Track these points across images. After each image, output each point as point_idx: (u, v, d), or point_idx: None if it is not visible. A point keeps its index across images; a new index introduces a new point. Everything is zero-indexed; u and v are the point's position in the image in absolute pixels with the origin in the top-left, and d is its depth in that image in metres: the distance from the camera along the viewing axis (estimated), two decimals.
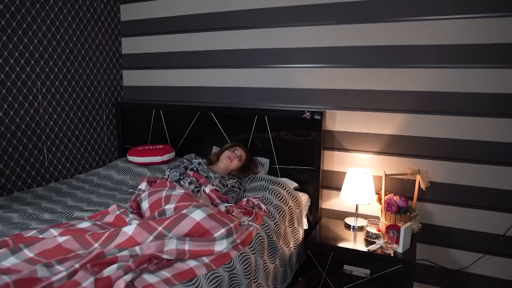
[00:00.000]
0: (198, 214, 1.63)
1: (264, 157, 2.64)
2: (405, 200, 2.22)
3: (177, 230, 1.57)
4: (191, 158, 2.47)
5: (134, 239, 1.51)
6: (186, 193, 1.89)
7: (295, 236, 2.29)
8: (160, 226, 1.57)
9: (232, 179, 2.36)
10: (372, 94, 2.38)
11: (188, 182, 2.13)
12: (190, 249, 1.50)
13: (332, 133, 2.52)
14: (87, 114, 2.87)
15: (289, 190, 2.37)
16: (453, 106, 2.21)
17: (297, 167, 2.56)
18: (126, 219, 1.81)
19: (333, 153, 2.54)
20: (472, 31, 2.11)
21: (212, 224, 1.62)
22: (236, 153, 2.44)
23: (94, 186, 2.48)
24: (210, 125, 2.80)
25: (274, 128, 2.60)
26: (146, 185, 2.09)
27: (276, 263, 2.02)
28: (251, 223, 1.89)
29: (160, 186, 1.95)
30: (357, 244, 2.18)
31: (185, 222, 1.59)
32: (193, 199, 1.82)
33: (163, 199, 1.82)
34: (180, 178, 2.16)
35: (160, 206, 1.80)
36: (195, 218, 1.61)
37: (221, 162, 2.43)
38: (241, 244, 1.69)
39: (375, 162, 2.43)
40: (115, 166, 2.74)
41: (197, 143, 2.88)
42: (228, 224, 1.66)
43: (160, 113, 2.97)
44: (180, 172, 2.20)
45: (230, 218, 1.74)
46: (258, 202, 2.09)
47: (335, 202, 2.59)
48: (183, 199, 1.79)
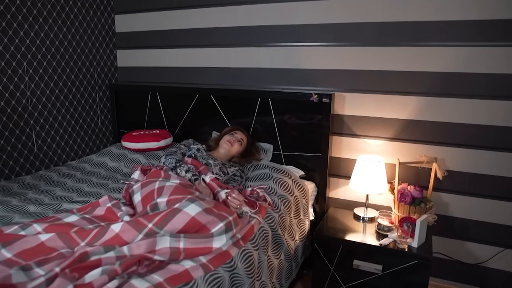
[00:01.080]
0: (193, 208, 1.47)
1: (268, 143, 2.47)
2: (420, 190, 2.06)
3: (170, 227, 1.41)
4: (189, 144, 2.30)
5: (121, 237, 1.35)
6: (181, 183, 1.73)
7: (301, 228, 2.14)
8: (150, 222, 1.41)
9: (233, 166, 2.20)
10: (385, 75, 2.19)
11: (185, 170, 1.97)
12: (185, 247, 1.34)
13: (341, 117, 2.34)
14: (78, 97, 2.69)
15: (295, 179, 2.21)
16: (473, 89, 2.02)
17: (303, 153, 2.39)
18: (118, 213, 1.65)
19: (341, 139, 2.36)
20: (494, 6, 1.90)
21: (209, 219, 1.47)
22: (236, 137, 2.28)
23: (86, 174, 2.32)
24: (210, 109, 2.62)
25: (279, 111, 2.42)
26: (139, 174, 1.93)
27: (281, 258, 1.88)
28: (253, 216, 1.73)
29: (154, 177, 1.79)
30: (368, 237, 2.03)
31: (178, 217, 1.43)
32: (188, 191, 1.65)
33: (156, 192, 1.66)
34: (176, 166, 2.00)
35: (152, 199, 1.64)
36: (190, 212, 1.45)
37: (221, 147, 2.27)
38: (242, 239, 1.54)
39: (387, 149, 2.26)
40: (109, 152, 2.58)
41: (196, 127, 2.71)
42: (226, 217, 1.51)
43: (157, 96, 2.79)
44: (177, 159, 2.04)
45: (228, 211, 1.58)
46: (263, 193, 1.93)
47: (343, 191, 2.43)
48: (177, 191, 1.63)
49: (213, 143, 2.37)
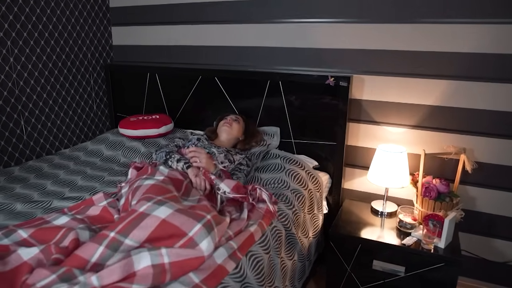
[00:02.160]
0: (163, 210, 1.28)
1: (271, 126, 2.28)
2: (446, 184, 1.87)
3: (137, 234, 1.21)
4: (185, 137, 2.11)
5: (80, 256, 1.14)
6: (164, 180, 1.52)
7: (315, 223, 1.97)
8: (112, 231, 1.21)
9: (238, 153, 2.00)
10: (409, 56, 1.96)
11: (176, 160, 1.79)
12: (171, 261, 1.14)
13: (359, 102, 2.12)
14: (71, 78, 2.47)
15: (308, 170, 2.02)
16: (508, 72, 1.79)
17: (317, 142, 2.19)
18: (115, 215, 1.47)
19: (359, 125, 2.16)
20: None
21: (182, 219, 1.26)
22: (230, 117, 2.12)
23: (80, 164, 2.13)
24: (214, 92, 2.40)
25: (290, 96, 2.20)
26: (135, 173, 1.74)
27: (294, 258, 1.72)
28: (252, 222, 1.51)
29: (140, 175, 1.61)
30: (388, 235, 1.86)
31: (146, 222, 1.23)
32: (165, 190, 1.43)
33: (131, 192, 1.47)
34: (167, 159, 1.82)
35: (128, 201, 1.46)
36: (159, 215, 1.25)
37: (221, 133, 2.10)
38: (240, 249, 1.32)
39: (410, 137, 2.06)
40: (105, 139, 2.38)
41: (199, 112, 2.50)
42: (203, 216, 1.30)
43: (156, 77, 2.56)
44: (167, 151, 1.86)
45: (206, 209, 1.38)
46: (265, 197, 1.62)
47: (359, 182, 2.24)
48: (151, 191, 1.41)
49: (210, 133, 2.18)
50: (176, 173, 1.63)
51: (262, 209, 1.60)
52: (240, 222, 1.48)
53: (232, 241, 1.33)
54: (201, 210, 1.36)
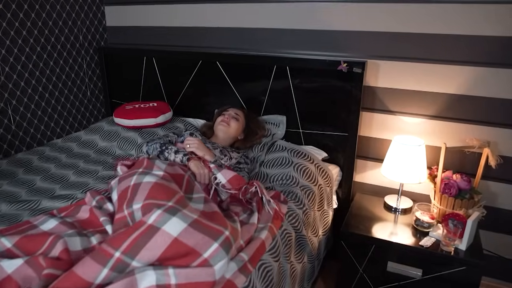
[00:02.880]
0: (175, 224, 1.12)
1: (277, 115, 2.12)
2: (468, 180, 1.73)
3: (145, 255, 1.06)
4: (180, 132, 1.95)
5: (81, 278, 1.01)
6: (165, 177, 1.36)
7: (324, 220, 1.84)
8: (117, 250, 1.06)
9: (235, 151, 1.85)
10: (429, 39, 1.79)
11: (173, 152, 1.63)
12: (178, 283, 1.01)
13: (373, 90, 1.96)
14: (61, 63, 2.29)
15: (318, 164, 1.88)
16: None
17: (327, 132, 2.04)
18: (100, 218, 1.33)
19: (372, 115, 2.00)
20: None
21: (198, 238, 1.10)
22: (229, 113, 1.93)
23: (72, 157, 1.99)
24: (216, 77, 2.23)
25: (298, 82, 2.03)
26: (125, 169, 1.59)
27: (304, 260, 1.60)
28: (261, 225, 1.38)
29: (134, 168, 1.45)
30: (403, 233, 1.73)
31: (156, 240, 1.08)
32: (170, 191, 1.28)
33: (130, 191, 1.30)
34: (162, 150, 1.66)
35: (126, 200, 1.29)
36: (171, 232, 1.10)
37: (217, 131, 1.92)
38: (251, 261, 1.19)
39: (428, 128, 1.90)
40: (99, 129, 2.23)
41: (200, 98, 2.34)
42: (221, 232, 1.15)
43: (153, 61, 2.39)
44: (161, 143, 1.69)
45: (222, 222, 1.22)
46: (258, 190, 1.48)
47: (371, 175, 2.10)
48: (155, 191, 1.25)
49: (206, 128, 2.02)
50: (175, 166, 1.48)
51: (271, 209, 1.46)
52: (250, 228, 1.34)
53: (243, 253, 1.20)
54: (218, 223, 1.20)
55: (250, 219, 1.41)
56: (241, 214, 1.44)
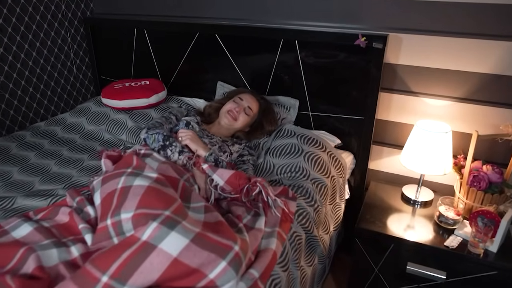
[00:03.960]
0: (175, 240, 0.94)
1: (292, 97, 1.89)
2: (500, 173, 1.53)
3: (139, 279, 0.89)
4: (181, 113, 1.72)
5: None
6: (159, 179, 1.15)
7: (336, 214, 1.66)
8: (104, 274, 0.89)
9: (237, 143, 1.64)
10: (461, 9, 1.54)
11: (178, 151, 1.41)
12: None
13: (393, 68, 1.73)
14: (42, 36, 2.04)
15: (330, 152, 1.67)
16: None
17: (339, 115, 1.83)
18: (79, 224, 1.14)
19: (391, 96, 1.78)
20: None
21: (203, 257, 0.93)
22: (242, 104, 1.66)
23: (55, 143, 1.78)
24: (215, 52, 1.99)
25: (309, 58, 1.80)
26: (109, 164, 1.38)
27: (314, 262, 1.43)
28: (268, 229, 1.19)
29: (122, 166, 1.24)
30: (426, 231, 1.55)
31: (151, 261, 0.90)
32: (167, 198, 1.08)
33: (117, 196, 1.10)
34: (165, 145, 1.42)
35: (110, 206, 1.10)
36: (169, 251, 0.92)
37: (221, 119, 1.67)
38: (261, 278, 1.02)
39: (454, 112, 1.69)
40: (86, 110, 2.01)
41: (197, 75, 2.10)
42: (230, 248, 0.98)
43: (145, 34, 2.14)
44: (165, 135, 1.45)
45: (230, 234, 1.04)
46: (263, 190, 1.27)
47: (387, 162, 1.90)
48: (149, 198, 1.06)
49: (211, 110, 1.76)
50: (168, 167, 1.28)
51: (278, 209, 1.27)
52: (256, 234, 1.16)
53: (253, 269, 1.01)
54: (225, 236, 1.01)
55: (256, 223, 1.22)
56: (244, 216, 1.25)
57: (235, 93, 1.76)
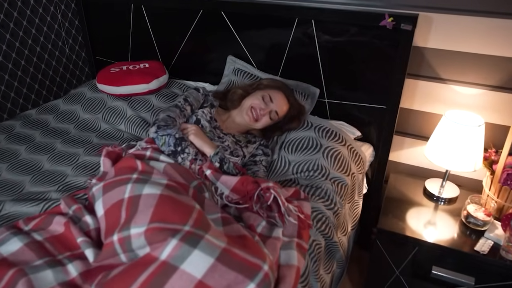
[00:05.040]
0: (198, 260, 0.83)
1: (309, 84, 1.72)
2: None
3: None
4: (197, 101, 1.46)
5: None
6: (171, 186, 1.02)
7: (354, 211, 1.54)
8: None
9: (251, 142, 1.46)
10: None
11: (192, 156, 1.22)
12: None
13: (420, 51, 1.55)
14: (29, 14, 1.84)
15: (351, 145, 1.53)
16: None
17: (359, 104, 1.67)
18: (78, 238, 1.01)
19: (417, 83, 1.61)
20: None
21: (230, 278, 0.82)
22: (270, 106, 1.42)
23: (48, 135, 1.63)
24: (221, 31, 1.81)
25: (326, 40, 1.62)
26: (110, 165, 1.24)
27: (333, 268, 1.32)
28: (285, 238, 1.06)
29: (124, 172, 1.09)
30: (452, 231, 1.44)
31: (173, 284, 0.80)
32: (183, 207, 0.95)
33: (125, 207, 0.97)
34: (176, 152, 1.22)
35: (118, 219, 0.97)
36: (192, 272, 0.81)
37: (241, 113, 1.45)
38: None
39: (487, 102, 1.53)
40: (81, 96, 1.84)
41: (201, 56, 1.93)
42: (259, 268, 0.86)
43: (142, 10, 1.94)
44: (177, 137, 1.23)
45: (257, 251, 0.91)
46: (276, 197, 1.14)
47: (409, 154, 1.76)
48: (164, 209, 0.93)
49: (235, 97, 1.51)
50: (174, 172, 1.13)
51: (292, 215, 1.14)
52: (275, 243, 1.03)
53: None
54: (252, 253, 0.89)
55: (272, 231, 1.09)
56: (258, 223, 1.12)
57: (267, 85, 1.51)
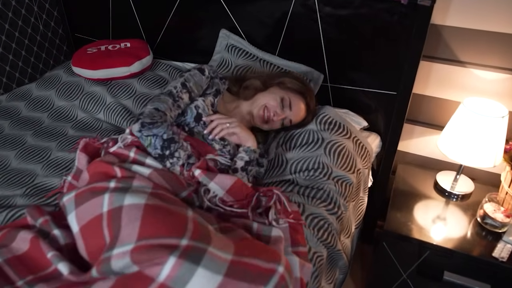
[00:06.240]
0: (203, 281, 0.70)
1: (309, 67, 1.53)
2: None
3: None
4: (199, 87, 1.20)
5: None
6: (159, 194, 0.87)
7: (359, 209, 1.40)
8: None
9: None
10: None
11: (183, 161, 1.03)
12: None
13: (438, 30, 1.36)
14: None
15: (356, 137, 1.36)
16: None
17: (366, 89, 1.50)
18: (48, 252, 0.86)
19: (431, 65, 1.43)
20: None
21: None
22: (286, 113, 1.23)
23: (18, 125, 1.45)
24: (211, 5, 1.60)
25: (329, 14, 1.43)
26: (85, 161, 1.07)
27: (335, 276, 1.20)
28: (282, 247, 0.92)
29: (99, 179, 0.93)
30: (466, 233, 1.30)
31: None
32: (176, 217, 0.80)
33: (106, 223, 0.81)
34: (164, 155, 1.02)
35: (100, 237, 0.82)
36: None
37: (251, 107, 1.24)
38: None
39: (510, 87, 1.36)
40: (56, 80, 1.65)
41: (190, 33, 1.73)
42: (273, 271, 0.75)
43: None
44: (165, 140, 1.03)
45: (270, 253, 0.80)
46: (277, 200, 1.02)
47: (419, 143, 1.61)
48: (152, 223, 0.77)
49: (251, 85, 1.27)
50: (157, 176, 0.97)
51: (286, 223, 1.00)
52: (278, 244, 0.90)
53: None
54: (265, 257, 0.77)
55: (271, 230, 0.96)
56: (250, 226, 0.98)
57: (290, 87, 1.25)
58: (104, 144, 1.13)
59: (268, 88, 1.26)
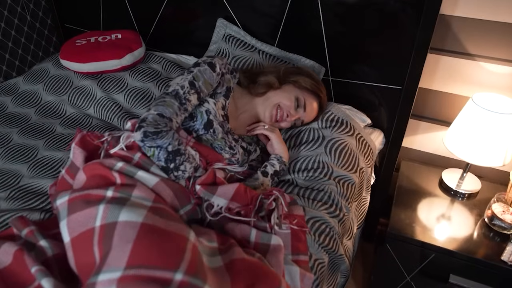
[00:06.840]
0: None
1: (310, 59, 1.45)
2: None
3: None
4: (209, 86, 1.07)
5: None
6: (157, 209, 0.79)
7: (361, 209, 1.34)
8: None
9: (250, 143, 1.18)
10: None
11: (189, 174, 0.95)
12: None
13: (446, 21, 1.29)
14: None
15: (359, 134, 1.30)
16: None
17: (370, 83, 1.42)
18: (32, 267, 0.80)
19: (439, 58, 1.36)
20: None
21: None
22: (300, 114, 1.18)
23: (4, 122, 1.38)
24: None
25: (332, 7, 1.34)
26: (81, 159, 1.00)
27: (337, 281, 1.15)
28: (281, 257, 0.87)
29: (97, 184, 0.86)
30: (472, 234, 1.25)
31: None
32: (172, 243, 0.71)
33: (97, 240, 0.74)
34: (168, 168, 0.93)
35: (90, 254, 0.75)
36: None
37: (263, 105, 1.17)
38: None
39: None
40: (44, 74, 1.58)
41: (185, 25, 1.65)
42: None
43: None
44: (169, 152, 0.93)
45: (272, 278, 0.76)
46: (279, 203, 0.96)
47: (424, 139, 1.55)
48: (145, 249, 0.69)
49: (265, 81, 1.18)
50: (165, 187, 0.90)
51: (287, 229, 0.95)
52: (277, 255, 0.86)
53: None
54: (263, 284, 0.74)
55: (270, 238, 0.90)
56: (248, 234, 0.92)
57: (306, 88, 1.19)
58: (104, 143, 1.03)
59: (282, 86, 1.19)
